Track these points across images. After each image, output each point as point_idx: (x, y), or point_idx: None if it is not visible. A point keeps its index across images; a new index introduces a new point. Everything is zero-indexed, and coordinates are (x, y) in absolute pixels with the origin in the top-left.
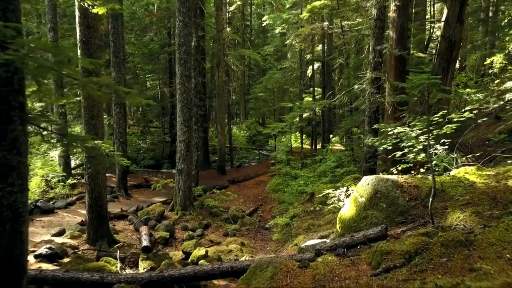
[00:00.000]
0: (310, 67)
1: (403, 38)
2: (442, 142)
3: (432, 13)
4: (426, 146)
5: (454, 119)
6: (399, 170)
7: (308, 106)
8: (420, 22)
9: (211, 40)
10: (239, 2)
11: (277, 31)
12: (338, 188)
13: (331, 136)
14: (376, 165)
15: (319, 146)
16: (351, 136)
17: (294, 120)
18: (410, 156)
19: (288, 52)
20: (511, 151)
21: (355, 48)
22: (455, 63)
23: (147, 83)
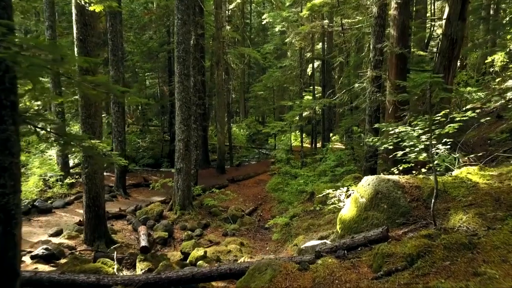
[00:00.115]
0: (310, 65)
1: (404, 36)
2: (444, 142)
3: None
4: (428, 145)
5: (456, 119)
6: (400, 170)
7: (308, 104)
8: (421, 20)
9: (210, 38)
10: (238, 0)
11: (277, 29)
12: (338, 188)
13: (331, 135)
14: (377, 164)
15: (319, 145)
16: (351, 135)
17: (294, 119)
18: (412, 155)
19: (288, 51)
20: None
21: (355, 46)
22: (456, 61)
23: (147, 81)
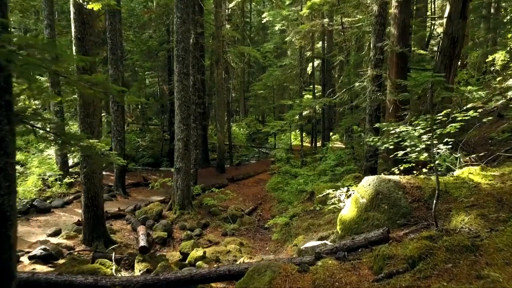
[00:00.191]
0: (310, 64)
1: (404, 35)
2: (446, 142)
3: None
4: (429, 145)
5: (458, 118)
6: (401, 170)
7: (308, 104)
8: (421, 19)
9: (210, 37)
10: None
11: (277, 28)
12: (339, 188)
13: (331, 134)
14: (377, 164)
15: (319, 144)
16: (351, 134)
17: (294, 118)
18: (412, 155)
19: (288, 49)
20: None
21: (355, 45)
22: (457, 60)
23: (146, 80)
